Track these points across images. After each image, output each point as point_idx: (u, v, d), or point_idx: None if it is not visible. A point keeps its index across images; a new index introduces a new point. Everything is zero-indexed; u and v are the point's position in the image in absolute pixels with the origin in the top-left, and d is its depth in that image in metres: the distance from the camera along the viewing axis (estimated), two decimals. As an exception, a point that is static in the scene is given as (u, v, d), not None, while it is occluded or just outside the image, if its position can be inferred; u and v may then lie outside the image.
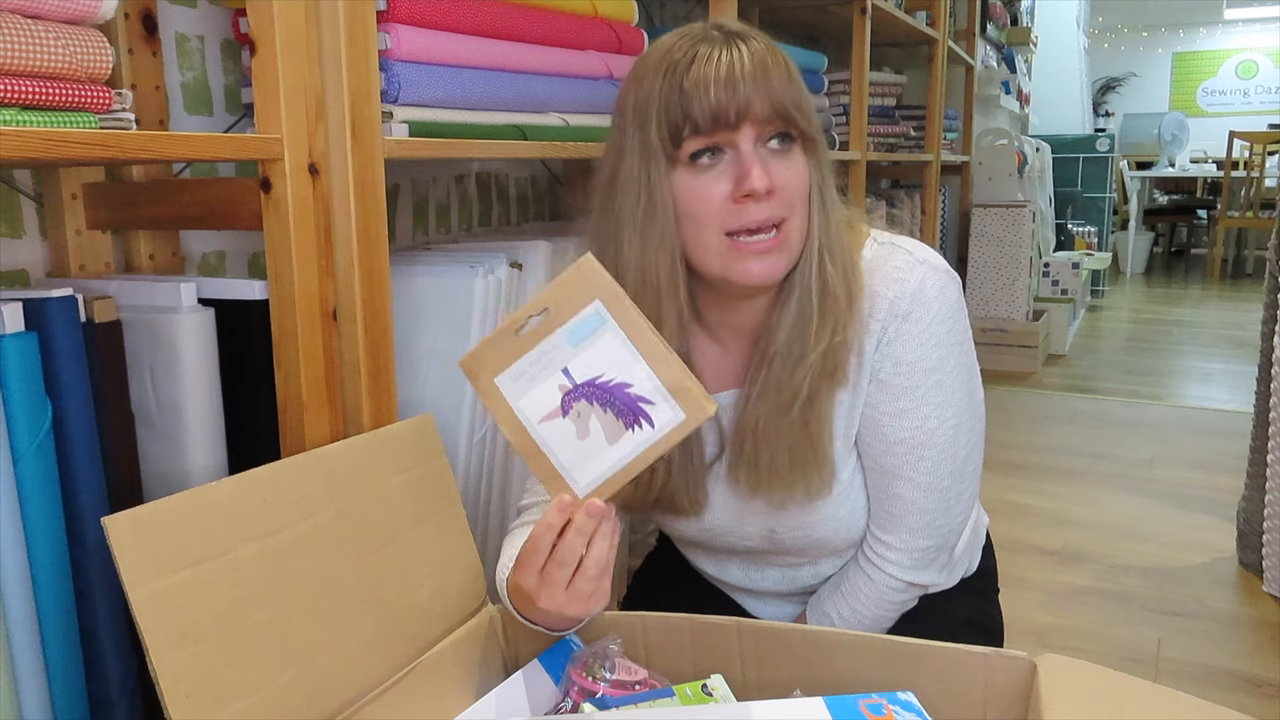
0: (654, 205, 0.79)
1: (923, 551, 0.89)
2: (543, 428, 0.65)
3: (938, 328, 0.83)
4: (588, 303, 0.64)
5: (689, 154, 0.78)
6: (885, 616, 0.92)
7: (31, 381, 0.74)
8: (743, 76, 0.76)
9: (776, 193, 0.77)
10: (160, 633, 0.62)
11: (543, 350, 0.65)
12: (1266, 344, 1.86)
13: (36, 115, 0.65)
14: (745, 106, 0.76)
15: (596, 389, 0.65)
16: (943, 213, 3.52)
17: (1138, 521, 2.21)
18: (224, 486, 0.70)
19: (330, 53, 0.85)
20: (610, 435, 0.65)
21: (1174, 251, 7.55)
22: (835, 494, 0.88)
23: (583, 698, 0.79)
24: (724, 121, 0.76)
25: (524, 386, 0.65)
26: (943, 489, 0.87)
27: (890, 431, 0.85)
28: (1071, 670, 0.73)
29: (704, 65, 0.77)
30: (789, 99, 0.78)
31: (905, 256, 0.83)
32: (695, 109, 0.76)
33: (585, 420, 0.65)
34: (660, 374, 0.65)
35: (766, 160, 0.78)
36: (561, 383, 0.65)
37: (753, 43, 0.79)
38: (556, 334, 0.65)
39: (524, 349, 0.65)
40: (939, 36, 3.03)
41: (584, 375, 0.65)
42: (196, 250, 1.16)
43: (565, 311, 0.65)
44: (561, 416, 0.65)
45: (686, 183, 0.78)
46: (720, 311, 0.87)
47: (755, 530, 0.92)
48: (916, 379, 0.83)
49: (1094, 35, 7.83)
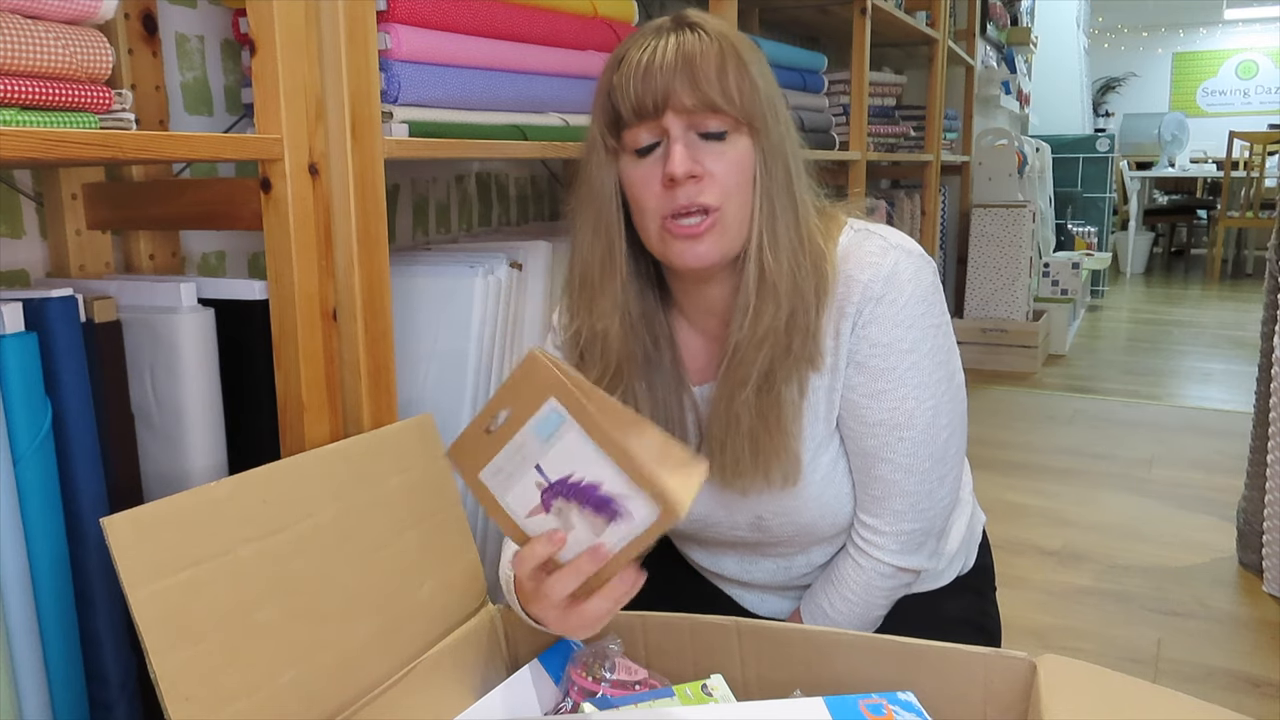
0: (593, 193, 0.84)
1: (909, 535, 0.89)
2: (530, 522, 0.66)
3: (912, 310, 0.84)
4: (543, 400, 0.63)
5: (635, 147, 0.82)
6: (876, 603, 0.93)
7: (31, 381, 0.74)
8: (661, 67, 0.79)
9: (705, 178, 0.80)
10: (160, 633, 0.62)
11: (514, 447, 0.64)
12: (1266, 344, 1.86)
13: (36, 115, 0.65)
14: (663, 96, 0.79)
15: (570, 488, 0.64)
16: (943, 213, 3.52)
17: (1138, 521, 2.21)
18: (224, 486, 0.70)
19: (330, 53, 0.85)
20: (595, 529, 0.65)
21: (1174, 251, 7.55)
22: (816, 478, 0.89)
23: (583, 698, 0.79)
24: (645, 110, 0.79)
25: (505, 482, 0.65)
26: (924, 470, 0.87)
27: (869, 413, 0.87)
28: (1071, 670, 0.73)
29: (632, 57, 0.80)
30: (717, 88, 0.79)
31: (879, 242, 0.86)
32: (620, 100, 0.80)
33: (567, 516, 0.65)
34: (627, 471, 0.62)
35: (696, 147, 0.80)
36: (538, 480, 0.65)
37: (689, 33, 0.81)
38: (523, 431, 0.64)
39: (497, 447, 0.64)
40: (939, 36, 3.03)
41: (556, 473, 0.64)
42: (196, 250, 1.16)
43: (525, 410, 0.63)
44: (545, 513, 0.66)
45: (629, 171, 0.83)
46: (692, 299, 0.91)
47: (743, 519, 0.92)
48: (893, 360, 0.85)
49: (1094, 35, 7.83)
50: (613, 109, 0.81)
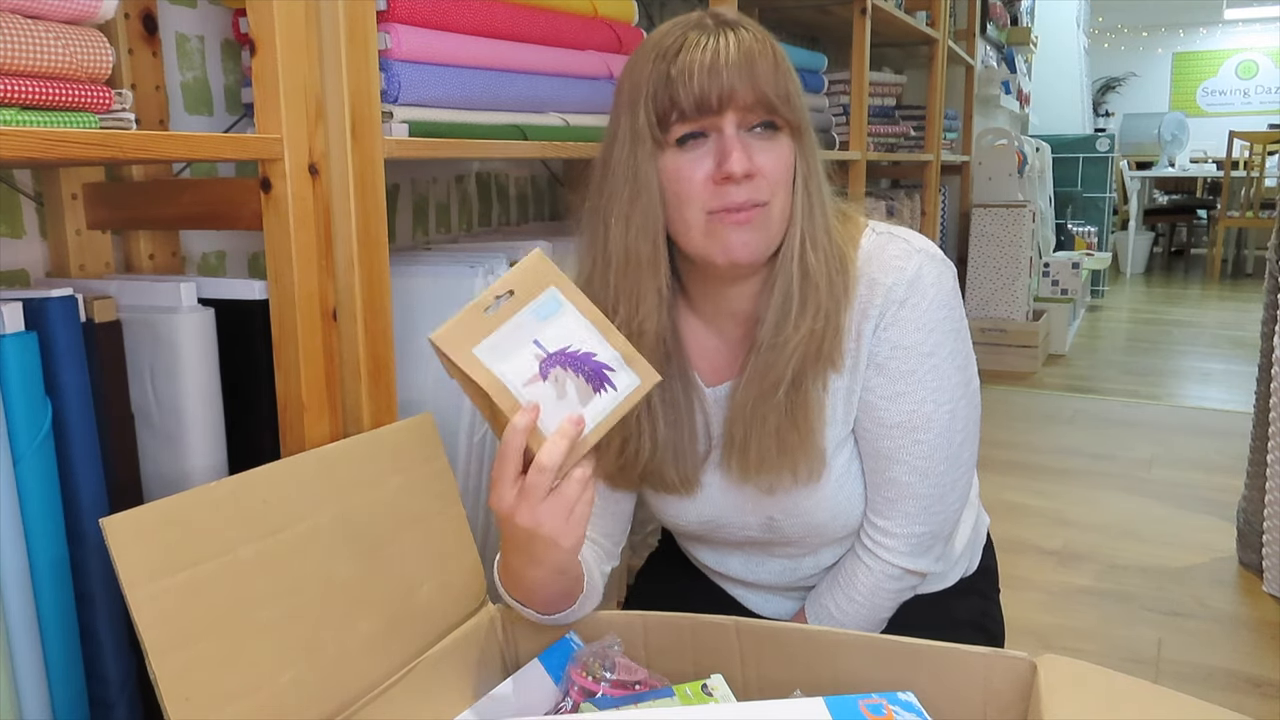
0: (639, 187, 0.82)
1: (919, 538, 0.89)
2: (526, 390, 0.71)
3: (934, 314, 0.84)
4: (544, 288, 0.72)
5: (676, 138, 0.80)
6: (882, 606, 0.93)
7: (31, 381, 0.74)
8: (727, 63, 0.78)
9: (757, 176, 0.80)
10: (159, 633, 0.62)
11: (514, 325, 0.71)
12: (1266, 344, 1.86)
13: (36, 115, 0.65)
14: (729, 92, 0.78)
15: (568, 357, 0.72)
16: (943, 213, 3.52)
17: (1138, 521, 2.21)
18: (224, 486, 0.70)
19: (330, 53, 0.85)
20: (583, 398, 0.72)
21: (1174, 251, 7.55)
22: (832, 478, 0.89)
23: (583, 698, 0.79)
24: (708, 106, 0.79)
25: (501, 356, 0.71)
26: (938, 474, 0.87)
27: (887, 415, 0.87)
28: (1071, 670, 0.73)
29: (691, 52, 0.79)
30: (773, 88, 0.79)
31: (903, 245, 0.86)
32: (681, 94, 0.79)
33: (562, 384, 0.72)
34: (615, 345, 0.73)
35: (749, 145, 0.80)
36: (536, 352, 0.71)
37: (742, 31, 0.81)
38: (524, 311, 0.71)
39: (495, 325, 0.70)
40: (939, 36, 3.03)
41: (555, 345, 0.72)
42: (196, 250, 1.16)
43: (526, 295, 0.72)
44: (541, 380, 0.71)
45: (672, 163, 0.81)
46: (713, 300, 0.89)
47: (754, 519, 0.92)
48: (913, 363, 0.85)
49: (1094, 35, 7.82)
50: (668, 102, 0.79)
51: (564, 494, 0.70)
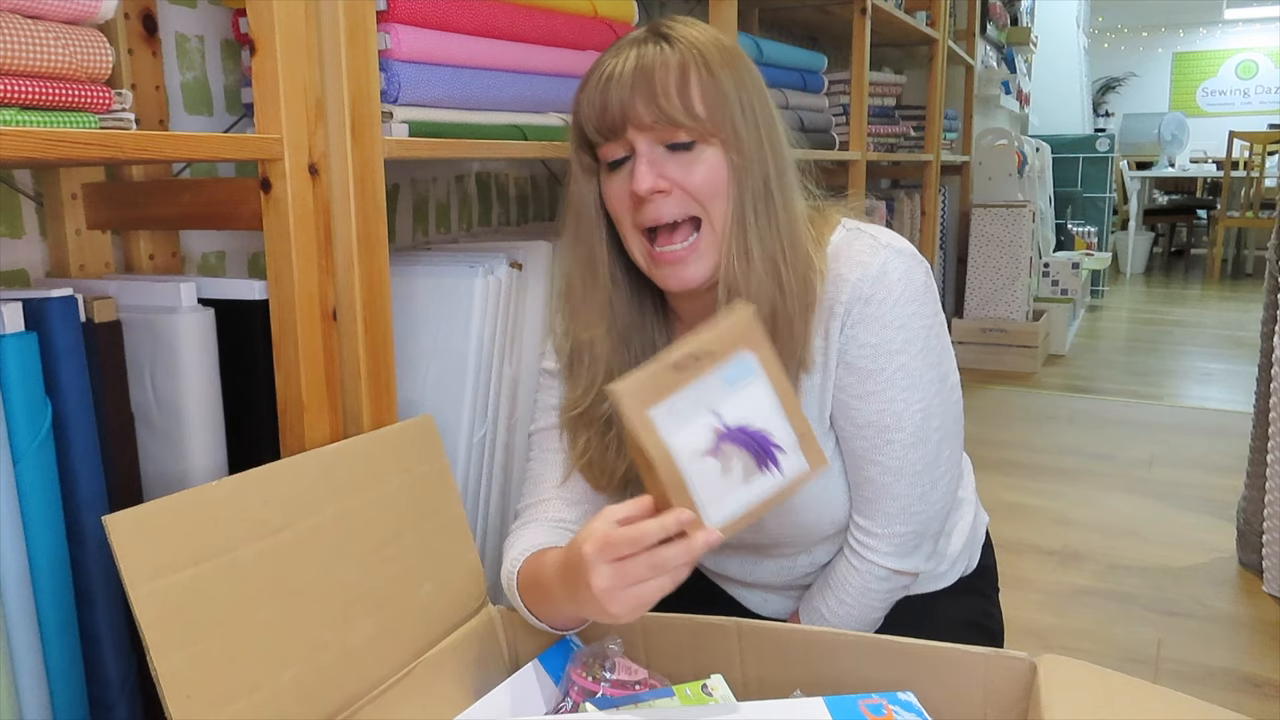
0: (574, 206, 0.85)
1: (903, 538, 0.89)
2: (691, 463, 0.67)
3: (901, 310, 0.83)
4: (743, 351, 0.68)
5: (607, 162, 0.82)
6: (873, 606, 0.92)
7: (31, 381, 0.74)
8: (618, 84, 0.79)
9: (674, 191, 0.80)
10: (161, 632, 0.62)
11: (699, 387, 0.67)
12: (1266, 344, 1.86)
13: (36, 115, 0.65)
14: (621, 114, 0.79)
15: (745, 434, 0.68)
16: (943, 213, 3.52)
17: (1138, 521, 2.21)
18: (224, 486, 0.70)
19: (330, 53, 0.85)
20: (747, 474, 0.69)
21: (1174, 251, 7.55)
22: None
23: (583, 698, 0.79)
24: (606, 130, 0.80)
25: (677, 422, 0.67)
26: (915, 474, 0.86)
27: (858, 414, 0.86)
28: (1071, 670, 0.73)
29: (598, 74, 0.81)
30: (675, 103, 0.78)
31: (870, 241, 0.85)
32: (585, 120, 0.81)
33: (730, 460, 0.68)
34: (795, 425, 0.70)
35: (662, 161, 0.80)
36: (713, 423, 0.68)
37: (661, 43, 0.80)
38: (712, 374, 0.68)
39: (680, 383, 0.67)
40: (939, 36, 3.03)
41: (735, 419, 0.68)
42: (196, 250, 1.16)
43: (720, 355, 0.68)
44: (712, 455, 0.68)
45: (606, 187, 0.83)
46: (686, 309, 0.91)
47: None
48: (881, 361, 0.84)
49: (1094, 35, 7.83)
50: (580, 128, 0.83)
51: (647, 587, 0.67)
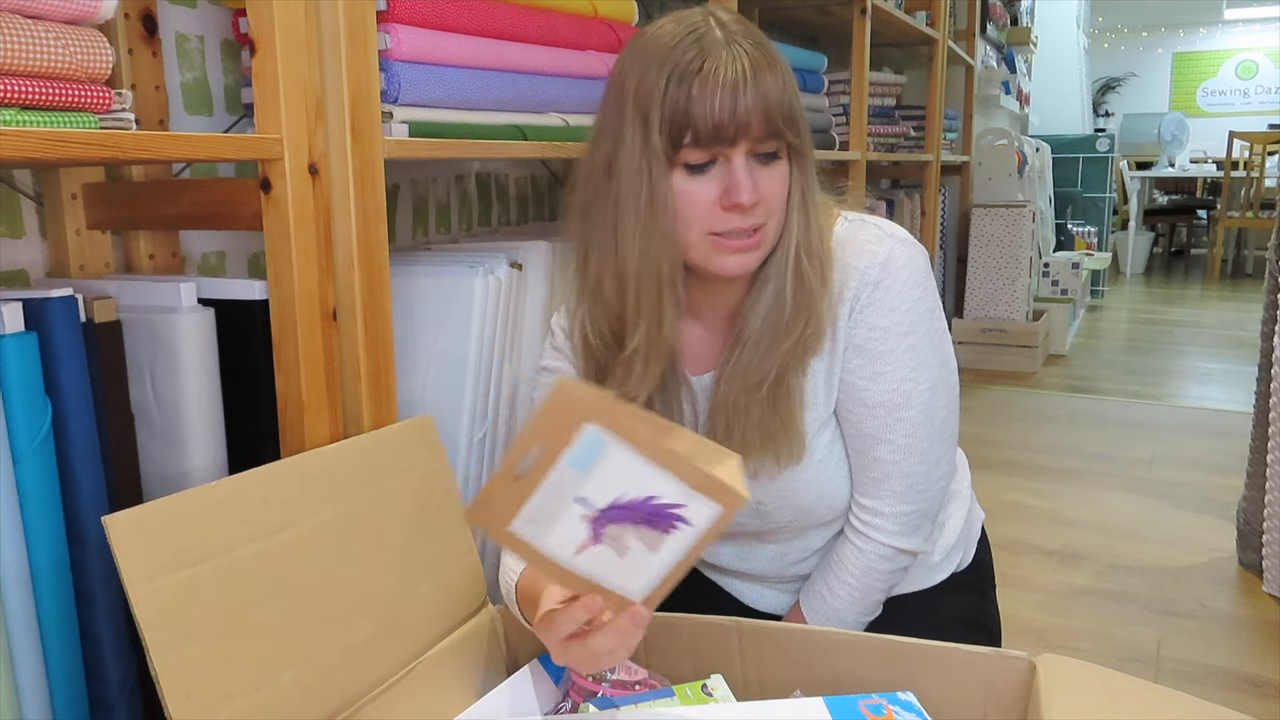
0: (656, 205, 0.81)
1: (908, 517, 0.91)
2: (579, 560, 0.63)
3: (908, 294, 0.87)
4: (577, 429, 0.59)
5: (685, 162, 0.81)
6: (875, 587, 0.93)
7: (31, 381, 0.74)
8: (745, 94, 0.78)
9: (760, 202, 0.81)
10: (160, 631, 0.62)
11: (550, 486, 0.60)
12: (1266, 344, 1.86)
13: (36, 115, 0.65)
14: (744, 125, 0.79)
15: (623, 509, 0.61)
16: (943, 213, 3.52)
17: (1138, 521, 2.21)
18: (224, 486, 0.70)
19: (330, 53, 0.85)
20: (651, 545, 0.62)
21: (1174, 251, 7.55)
22: (814, 460, 0.90)
23: (583, 698, 0.79)
24: (724, 139, 0.79)
25: (543, 527, 0.61)
26: (922, 451, 0.89)
27: (868, 395, 0.88)
28: (1071, 670, 0.73)
29: (710, 79, 0.78)
30: (783, 114, 0.80)
31: (874, 230, 0.88)
32: (699, 124, 0.78)
33: (621, 540, 0.62)
34: (683, 476, 0.60)
35: (754, 172, 0.81)
36: (582, 512, 0.61)
37: (751, 49, 0.80)
38: (558, 466, 0.60)
39: (528, 491, 0.60)
40: (939, 36, 3.03)
41: (604, 500, 0.61)
42: (196, 250, 1.16)
43: (559, 442, 0.59)
44: (596, 544, 0.62)
45: (679, 185, 0.81)
46: (701, 294, 0.91)
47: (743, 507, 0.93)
48: (890, 343, 0.87)
49: (1094, 35, 7.82)
50: (684, 127, 0.78)
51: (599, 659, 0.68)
